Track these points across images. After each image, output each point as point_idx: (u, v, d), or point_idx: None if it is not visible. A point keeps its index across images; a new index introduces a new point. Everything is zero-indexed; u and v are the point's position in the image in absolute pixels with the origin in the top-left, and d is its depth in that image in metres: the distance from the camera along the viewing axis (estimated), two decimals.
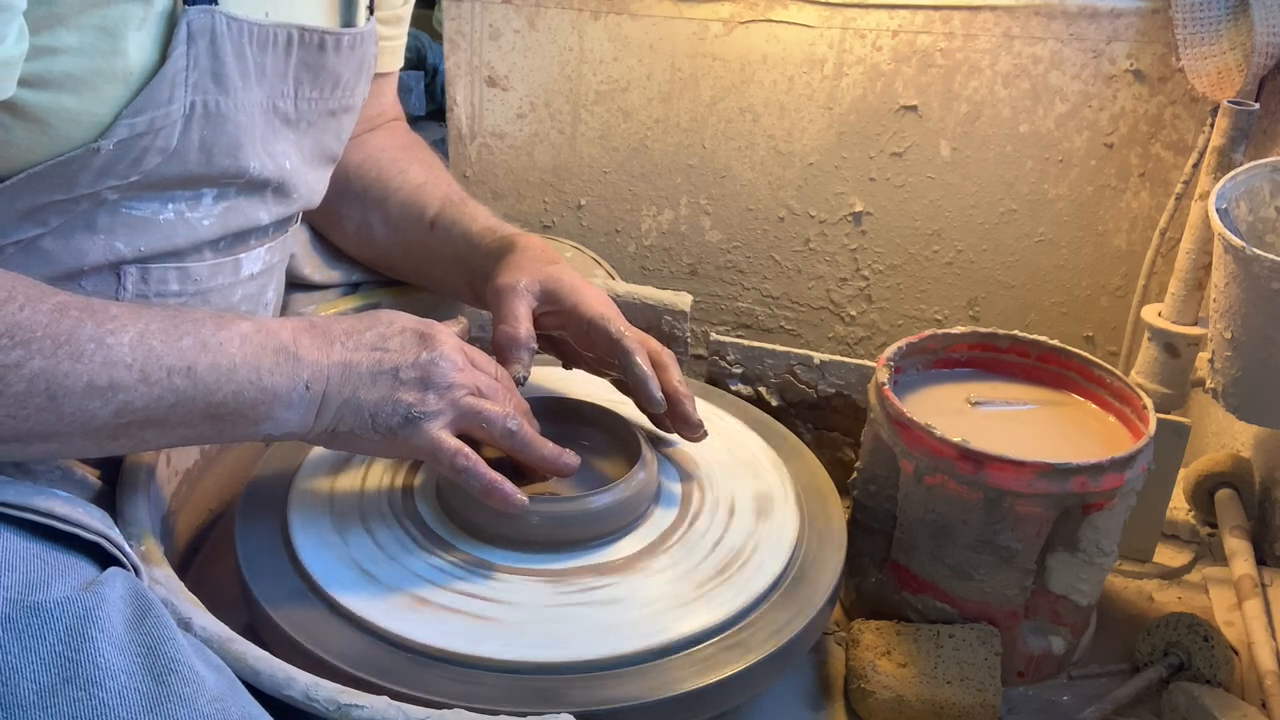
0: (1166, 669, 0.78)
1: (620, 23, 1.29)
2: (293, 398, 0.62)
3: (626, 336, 0.76)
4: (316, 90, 0.76)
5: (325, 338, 0.64)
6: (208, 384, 0.59)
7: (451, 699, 0.58)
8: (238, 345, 0.60)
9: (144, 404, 0.57)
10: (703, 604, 0.68)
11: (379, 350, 0.65)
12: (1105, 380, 0.83)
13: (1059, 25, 1.14)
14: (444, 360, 0.66)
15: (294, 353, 0.62)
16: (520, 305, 0.77)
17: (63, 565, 0.53)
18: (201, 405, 0.59)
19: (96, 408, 0.55)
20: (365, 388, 0.64)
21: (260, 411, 0.61)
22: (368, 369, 0.64)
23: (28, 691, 0.46)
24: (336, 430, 0.64)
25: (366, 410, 0.64)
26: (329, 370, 0.63)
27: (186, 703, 0.48)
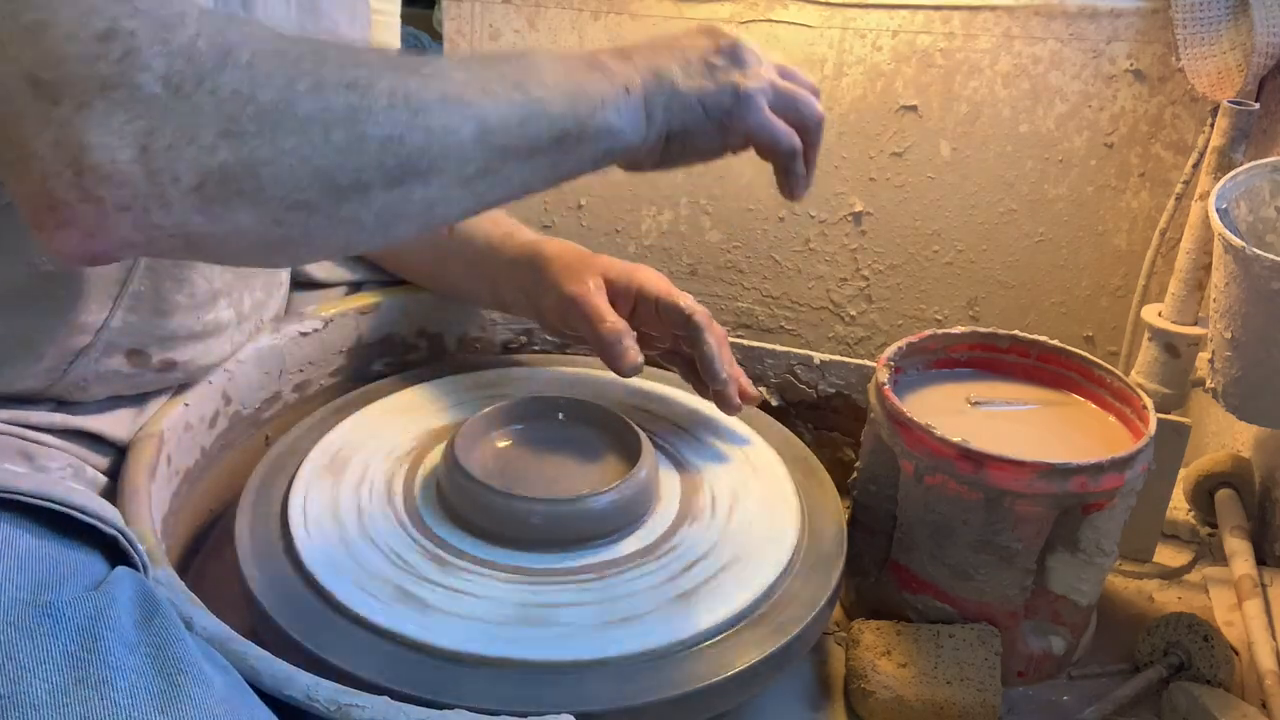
0: (1166, 669, 0.78)
1: (620, 23, 1.29)
2: (619, 103, 0.60)
3: (697, 312, 0.81)
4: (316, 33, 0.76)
5: (620, 55, 0.63)
6: (542, 99, 0.57)
7: (452, 699, 0.58)
8: (550, 67, 0.59)
9: (498, 120, 0.55)
10: (702, 604, 0.68)
11: (676, 49, 0.64)
12: (1105, 380, 0.83)
13: (1059, 25, 1.14)
14: (740, 41, 0.66)
15: (602, 64, 0.61)
16: (603, 302, 0.79)
17: (73, 564, 0.53)
18: (545, 122, 0.57)
19: (458, 123, 0.53)
20: (683, 80, 0.63)
21: (597, 122, 0.59)
22: (678, 65, 0.63)
23: (40, 691, 0.46)
24: (671, 131, 0.63)
25: (694, 99, 0.63)
26: (640, 75, 0.62)
27: (196, 703, 0.48)
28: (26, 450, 0.66)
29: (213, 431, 0.82)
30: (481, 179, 0.55)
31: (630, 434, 0.78)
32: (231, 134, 0.46)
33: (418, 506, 0.74)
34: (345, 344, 0.93)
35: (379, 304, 0.94)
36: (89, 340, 0.67)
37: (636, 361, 0.77)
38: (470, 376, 0.91)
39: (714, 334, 0.81)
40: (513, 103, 0.55)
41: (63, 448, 0.69)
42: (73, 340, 0.67)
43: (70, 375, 0.68)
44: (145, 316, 0.69)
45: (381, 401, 0.86)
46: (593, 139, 0.59)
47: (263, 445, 0.87)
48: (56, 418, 0.69)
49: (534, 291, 0.83)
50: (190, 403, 0.77)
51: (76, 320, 0.66)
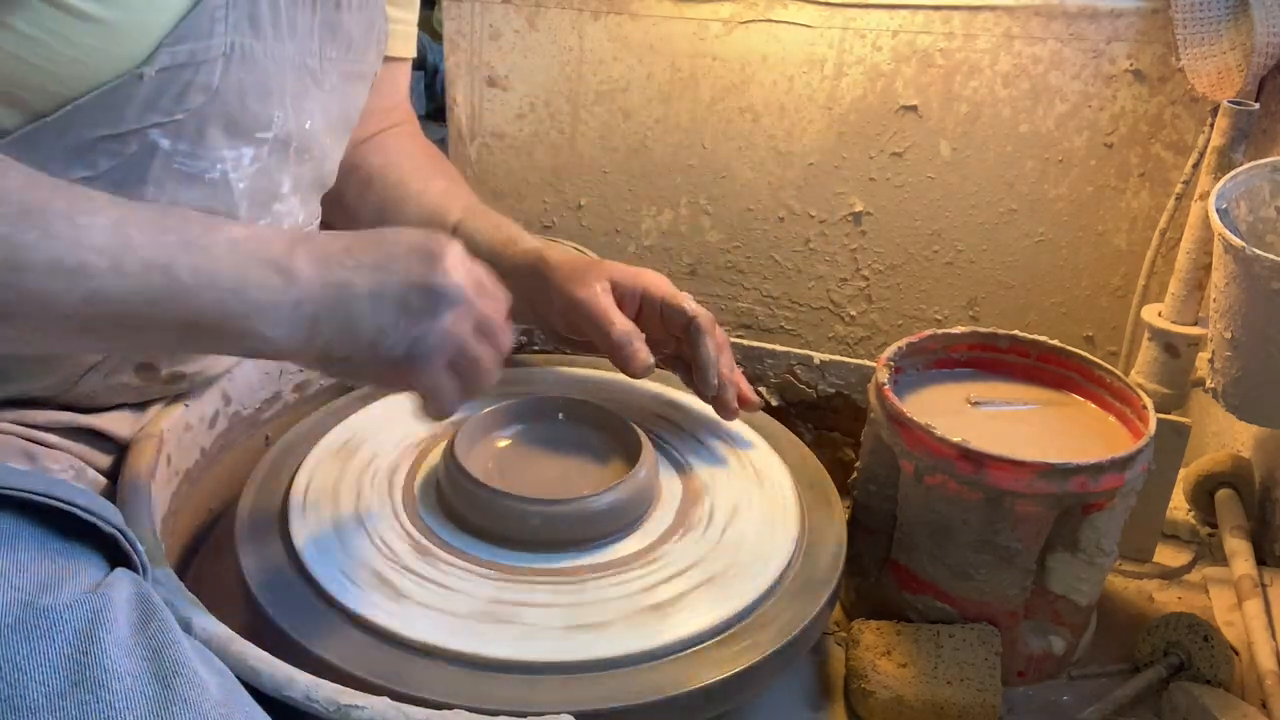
0: (1166, 669, 0.78)
1: (620, 23, 1.29)
2: (281, 315, 0.56)
3: (700, 315, 0.81)
4: (336, 50, 0.76)
5: (323, 255, 0.58)
6: (187, 287, 0.54)
7: (452, 699, 0.58)
8: (225, 250, 0.55)
9: (116, 295, 0.52)
10: (702, 604, 0.68)
11: (381, 271, 0.59)
12: (1105, 380, 0.83)
13: (1059, 25, 1.14)
14: (451, 286, 0.60)
15: (287, 267, 0.57)
16: (611, 306, 0.80)
17: (72, 565, 0.53)
18: (180, 309, 0.54)
19: (62, 290, 0.51)
20: (366, 313, 0.58)
21: (243, 326, 0.56)
22: (369, 291, 0.58)
23: (36, 694, 0.46)
24: (331, 354, 0.59)
25: (366, 337, 0.58)
26: (324, 290, 0.57)
27: (192, 706, 0.48)
28: (29, 451, 0.67)
29: (213, 432, 0.82)
30: (82, 334, 0.54)
31: (630, 434, 0.78)
32: None
33: (417, 507, 0.74)
34: None
35: None
36: (100, 358, 0.68)
37: (648, 362, 0.78)
38: None
39: (714, 340, 0.81)
40: (148, 284, 0.53)
41: (65, 447, 0.69)
42: (84, 357, 0.67)
43: (79, 388, 0.69)
44: None
45: (381, 401, 0.86)
46: (236, 336, 0.56)
47: (263, 445, 0.87)
48: (60, 416, 0.69)
49: (538, 299, 0.83)
50: (190, 403, 0.78)
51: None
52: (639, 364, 0.78)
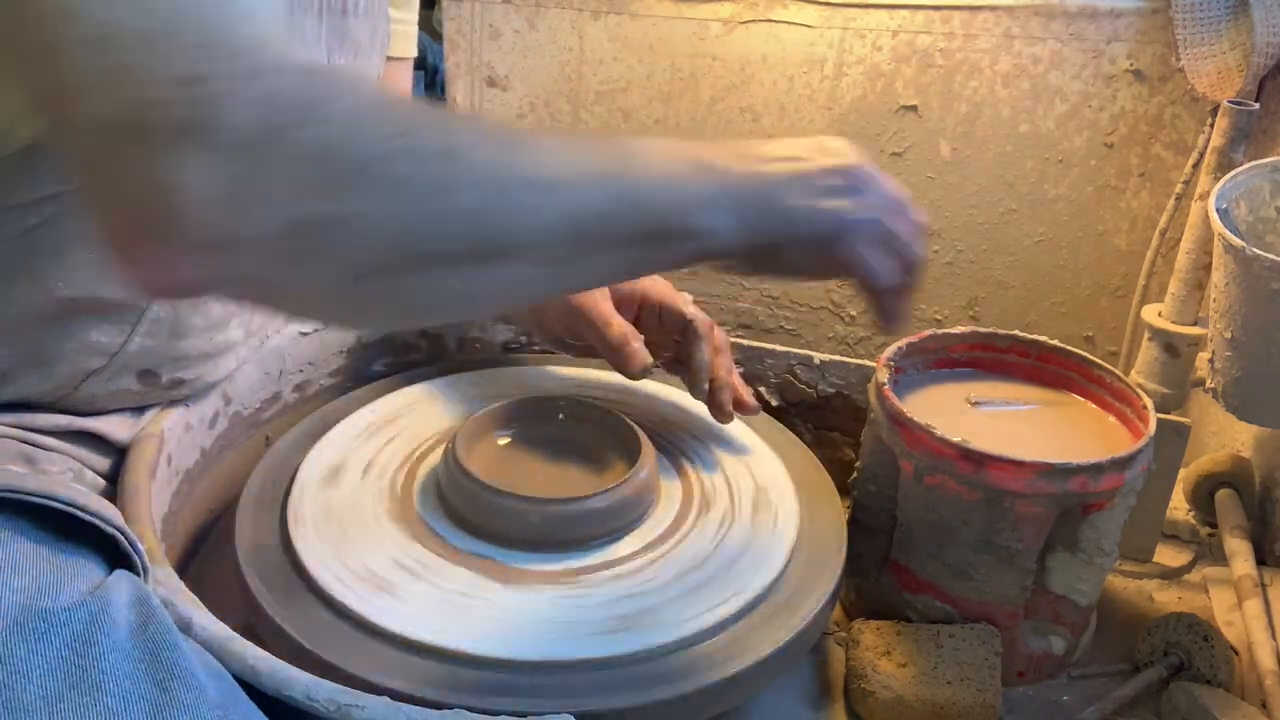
0: (1166, 669, 0.78)
1: (620, 23, 1.29)
2: (719, 204, 0.57)
3: (698, 319, 0.81)
4: (344, 56, 0.76)
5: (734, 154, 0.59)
6: (640, 189, 0.54)
7: (452, 698, 0.58)
8: (659, 156, 0.56)
9: (589, 210, 0.52)
10: (702, 603, 0.68)
11: (791, 160, 0.60)
12: (1105, 380, 0.83)
13: (1059, 25, 1.14)
14: (862, 166, 0.62)
15: (710, 165, 0.57)
16: (608, 308, 0.80)
17: (72, 568, 0.53)
18: (640, 212, 0.54)
19: (548, 208, 0.50)
20: (789, 197, 0.59)
21: (691, 224, 0.56)
22: (785, 176, 0.59)
23: (34, 696, 0.46)
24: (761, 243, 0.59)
25: (798, 218, 0.59)
26: (749, 180, 0.58)
27: (189, 709, 0.48)
28: (27, 454, 0.67)
29: (213, 432, 0.82)
30: (564, 265, 0.53)
31: (630, 434, 0.78)
32: (316, 187, 0.45)
33: (417, 506, 0.74)
34: (345, 344, 0.93)
35: None
36: (103, 362, 0.68)
37: (646, 363, 0.78)
38: (470, 376, 0.91)
39: (711, 345, 0.81)
40: (609, 193, 0.53)
41: (63, 450, 0.69)
42: (86, 362, 0.67)
43: (80, 393, 0.69)
44: (162, 340, 0.70)
45: (381, 401, 0.86)
46: (681, 239, 0.56)
47: (263, 445, 0.87)
48: (59, 419, 0.69)
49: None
50: (190, 403, 0.77)
51: (93, 343, 0.67)
52: (636, 364, 0.78)
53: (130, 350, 0.68)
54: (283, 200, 0.44)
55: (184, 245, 0.44)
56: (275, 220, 0.44)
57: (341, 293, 0.48)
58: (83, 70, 0.43)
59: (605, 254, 0.54)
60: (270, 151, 0.44)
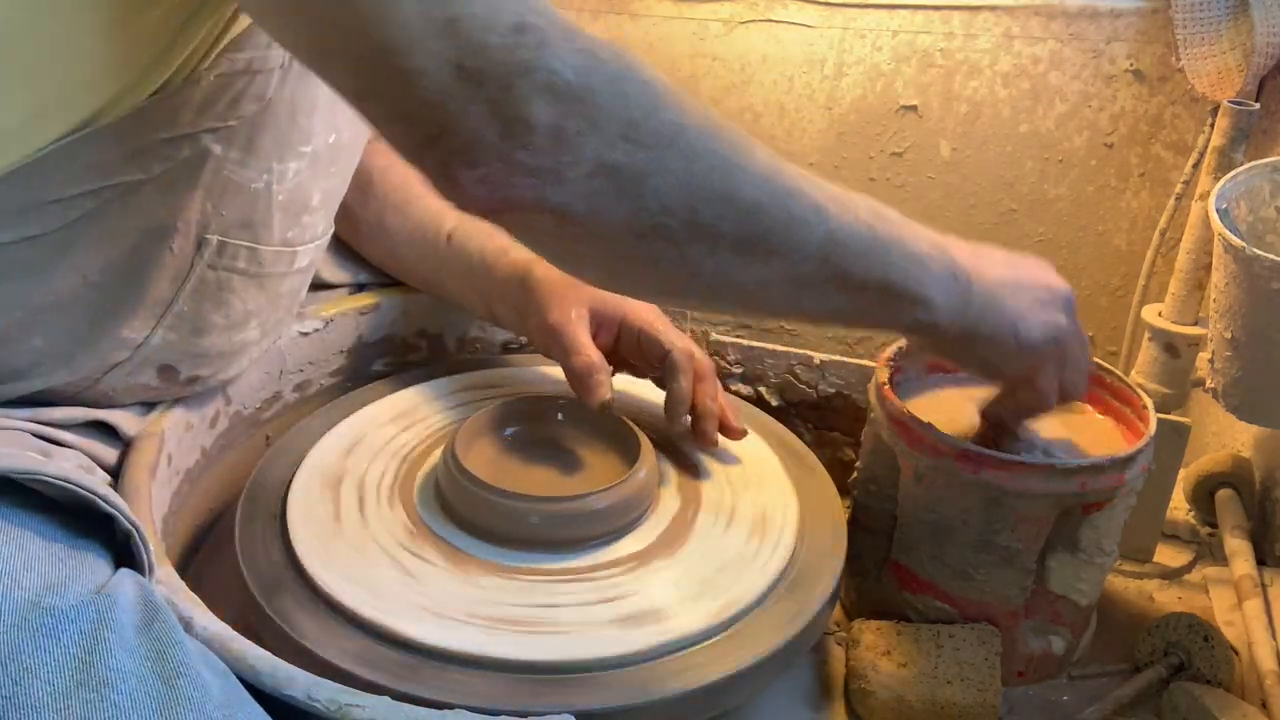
0: (1166, 669, 0.78)
1: (620, 23, 1.29)
2: (944, 282, 0.61)
3: (676, 349, 0.81)
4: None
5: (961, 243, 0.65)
6: (886, 245, 0.58)
7: (452, 698, 0.58)
8: (900, 222, 0.60)
9: (845, 239, 0.56)
10: (702, 603, 0.68)
11: (1013, 269, 0.67)
12: (1105, 380, 0.83)
13: (1059, 25, 1.14)
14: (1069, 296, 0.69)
15: (942, 244, 0.63)
16: (582, 334, 0.80)
17: (79, 564, 0.53)
18: (880, 264, 0.58)
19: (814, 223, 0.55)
20: (1008, 294, 0.65)
21: (918, 292, 0.60)
22: (1006, 281, 0.65)
23: (41, 693, 0.46)
24: (978, 332, 0.64)
25: (1010, 316, 0.65)
26: (972, 269, 0.64)
27: (195, 706, 0.48)
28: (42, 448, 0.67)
29: (213, 431, 0.82)
30: (805, 286, 0.57)
31: (630, 434, 0.78)
32: (630, 139, 0.49)
33: (417, 506, 0.74)
34: (345, 344, 0.93)
35: (379, 304, 0.95)
36: (126, 355, 0.68)
37: (604, 398, 0.77)
38: (470, 376, 0.91)
39: (689, 377, 0.81)
40: (861, 232, 0.57)
41: (75, 444, 0.69)
42: (111, 355, 0.68)
43: (100, 386, 0.69)
44: (183, 335, 0.70)
45: (381, 401, 0.86)
46: (910, 303, 0.60)
47: (263, 445, 0.87)
48: (74, 412, 0.69)
49: (523, 313, 0.83)
50: (190, 403, 0.77)
51: (118, 335, 0.67)
52: (594, 398, 0.77)
53: (153, 344, 0.69)
54: (600, 144, 0.49)
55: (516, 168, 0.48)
56: (589, 161, 0.49)
57: (623, 245, 0.53)
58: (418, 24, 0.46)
59: (840, 292, 0.58)
60: (593, 99, 0.48)
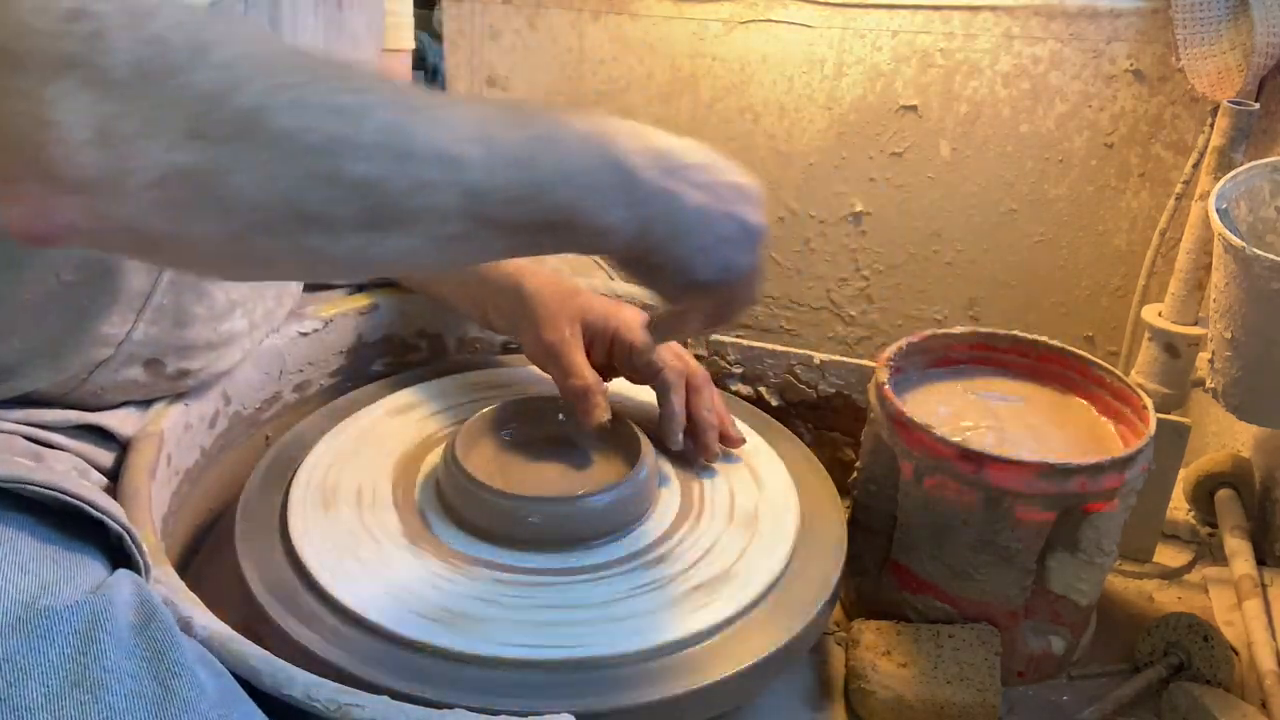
0: (1166, 669, 0.78)
1: (620, 23, 1.29)
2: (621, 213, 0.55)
3: (667, 368, 0.79)
4: (341, 48, 0.76)
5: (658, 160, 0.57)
6: (548, 183, 0.52)
7: (452, 697, 0.58)
8: (578, 145, 0.54)
9: (488, 189, 0.50)
10: (702, 603, 0.68)
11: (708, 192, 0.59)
12: (1105, 380, 0.83)
13: (1059, 25, 1.14)
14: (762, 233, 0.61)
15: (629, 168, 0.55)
16: (577, 354, 0.79)
17: (74, 566, 0.53)
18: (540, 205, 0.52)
19: (448, 182, 0.48)
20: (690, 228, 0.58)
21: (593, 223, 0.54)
22: (696, 208, 0.58)
23: (36, 694, 0.46)
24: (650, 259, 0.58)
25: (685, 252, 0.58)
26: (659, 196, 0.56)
27: (191, 707, 0.48)
28: (34, 451, 0.67)
29: (213, 431, 0.82)
30: (457, 242, 0.51)
31: (630, 434, 0.78)
32: (199, 135, 0.43)
33: (417, 506, 0.74)
34: (345, 344, 0.93)
35: (379, 304, 0.95)
36: (110, 352, 0.68)
37: (599, 420, 0.76)
38: (470, 376, 0.91)
39: (680, 393, 0.80)
40: (515, 179, 0.51)
41: (70, 447, 0.69)
42: (94, 352, 0.68)
43: (88, 384, 0.69)
44: (165, 328, 0.70)
45: (381, 402, 0.86)
46: (584, 233, 0.55)
47: (263, 445, 0.87)
48: (67, 414, 0.69)
49: (517, 325, 0.84)
50: (190, 402, 0.78)
51: (99, 332, 0.67)
52: (589, 421, 0.76)
53: (135, 339, 0.69)
54: (161, 146, 0.42)
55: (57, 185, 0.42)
56: (153, 167, 0.43)
57: (222, 249, 0.47)
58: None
59: (503, 237, 0.52)
60: (152, 94, 0.42)
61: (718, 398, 0.84)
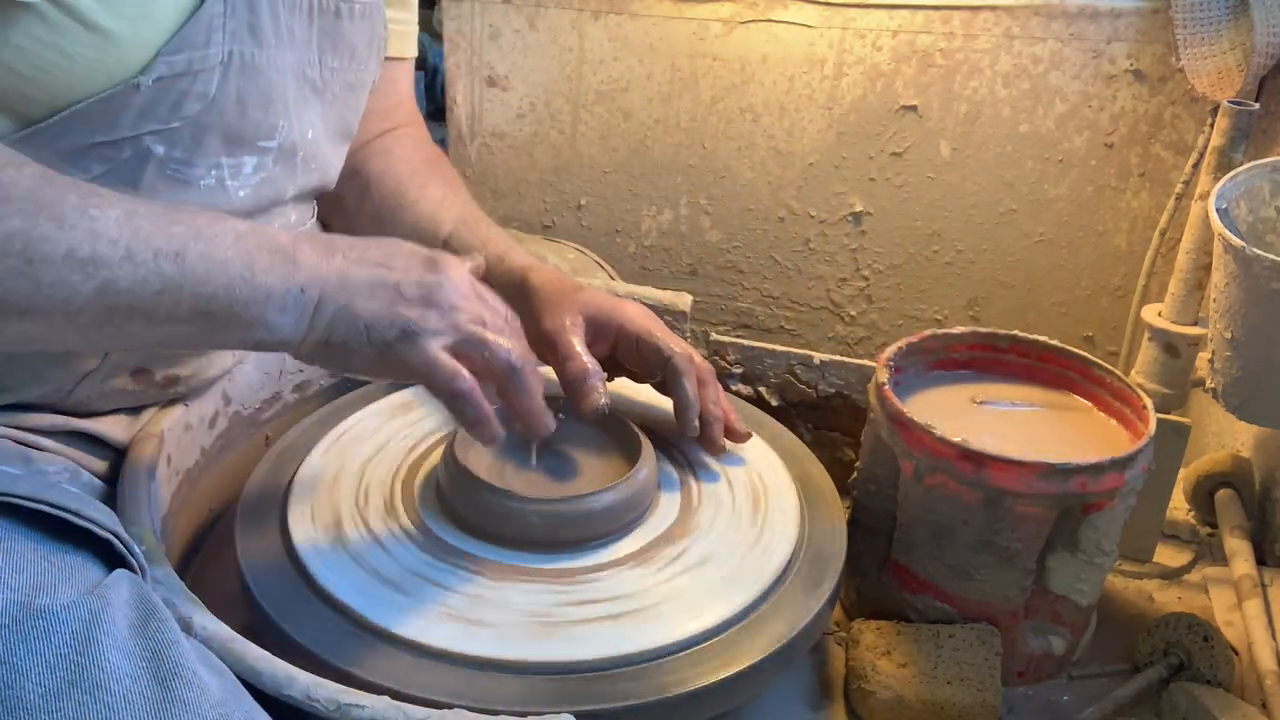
0: (1166, 669, 0.78)
1: (620, 23, 1.29)
2: (286, 301, 0.58)
3: (677, 354, 0.79)
4: (337, 60, 0.76)
5: (327, 248, 0.61)
6: (198, 274, 0.55)
7: (451, 698, 0.58)
8: (231, 240, 0.57)
9: (128, 285, 0.54)
10: (702, 604, 0.68)
11: (382, 266, 0.62)
12: (1105, 380, 0.83)
13: (1059, 25, 1.14)
14: (450, 284, 0.63)
15: (291, 256, 0.59)
16: (576, 340, 0.78)
17: (69, 567, 0.53)
18: (190, 297, 0.55)
19: (77, 282, 0.52)
20: (363, 299, 0.60)
21: (252, 312, 0.57)
22: (367, 281, 0.61)
23: (33, 694, 0.46)
24: (330, 341, 0.61)
25: (362, 322, 0.60)
26: (326, 276, 0.60)
27: (190, 707, 0.48)
28: (24, 455, 0.67)
29: (213, 431, 0.82)
30: (96, 329, 0.55)
31: (630, 434, 0.78)
32: None
33: (417, 506, 0.74)
34: None
35: None
36: (96, 364, 0.68)
37: (598, 404, 0.76)
38: None
39: (693, 379, 0.80)
40: (159, 272, 0.54)
41: (60, 451, 0.69)
42: (80, 364, 0.67)
43: (75, 394, 0.69)
44: None
45: (381, 401, 0.86)
46: (244, 326, 0.58)
47: (263, 445, 0.87)
48: (55, 420, 0.69)
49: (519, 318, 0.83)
50: (190, 403, 0.77)
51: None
52: (587, 405, 0.76)
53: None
54: None
55: None
56: None
57: None
58: None
59: (153, 327, 0.56)
60: None
61: (724, 396, 0.84)
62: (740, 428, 0.82)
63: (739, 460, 0.82)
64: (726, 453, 0.82)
